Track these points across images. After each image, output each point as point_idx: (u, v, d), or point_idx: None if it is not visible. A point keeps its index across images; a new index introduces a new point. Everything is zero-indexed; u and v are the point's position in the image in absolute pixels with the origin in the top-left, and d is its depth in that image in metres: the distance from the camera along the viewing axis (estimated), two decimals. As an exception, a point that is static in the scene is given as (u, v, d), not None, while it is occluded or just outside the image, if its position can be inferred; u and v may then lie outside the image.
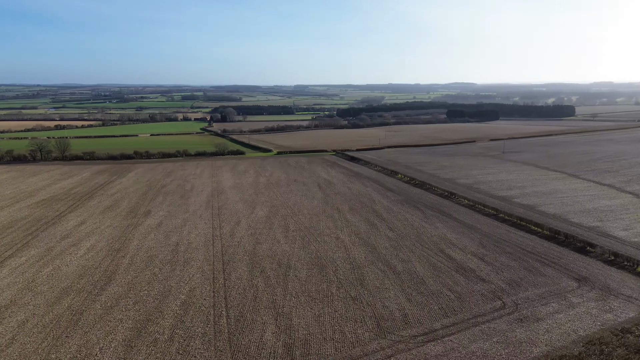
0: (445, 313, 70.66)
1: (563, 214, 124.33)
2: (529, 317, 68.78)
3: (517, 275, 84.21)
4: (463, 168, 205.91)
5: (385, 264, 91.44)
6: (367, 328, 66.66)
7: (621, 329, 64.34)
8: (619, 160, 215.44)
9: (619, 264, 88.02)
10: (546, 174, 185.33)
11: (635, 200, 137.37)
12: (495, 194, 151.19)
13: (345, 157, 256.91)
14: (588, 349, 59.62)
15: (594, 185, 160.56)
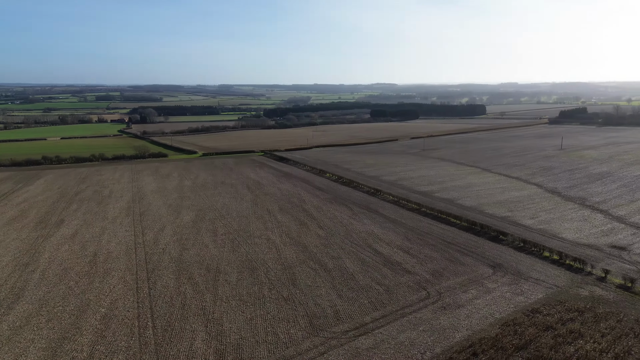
0: (375, 306, 72.74)
1: (479, 205, 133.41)
2: (451, 304, 72.88)
3: (439, 266, 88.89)
4: (387, 165, 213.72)
5: (317, 262, 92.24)
6: (300, 327, 66.77)
7: (531, 309, 70.32)
8: (524, 154, 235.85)
9: (528, 249, 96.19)
10: (463, 169, 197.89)
11: (539, 191, 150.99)
12: (418, 189, 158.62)
13: (274, 158, 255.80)
14: (504, 330, 64.43)
15: (504, 178, 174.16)
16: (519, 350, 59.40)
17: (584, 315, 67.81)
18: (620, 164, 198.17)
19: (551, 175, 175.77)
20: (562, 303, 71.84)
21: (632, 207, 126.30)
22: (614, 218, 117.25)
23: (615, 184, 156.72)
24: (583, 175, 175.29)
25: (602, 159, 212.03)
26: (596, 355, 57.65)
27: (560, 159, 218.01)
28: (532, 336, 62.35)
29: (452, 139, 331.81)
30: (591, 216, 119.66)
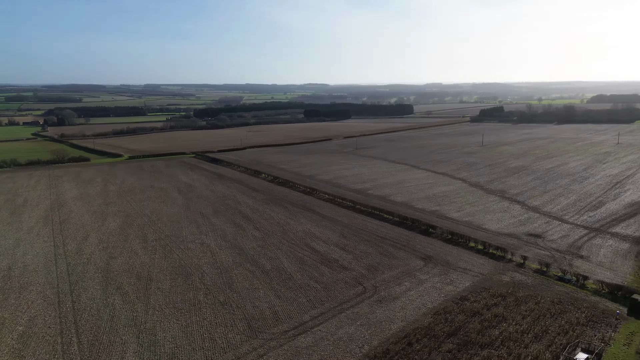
0: (314, 304, 73.20)
1: (409, 201, 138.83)
2: (387, 297, 75.18)
3: (374, 261, 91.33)
4: (322, 165, 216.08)
5: (254, 264, 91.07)
6: (238, 331, 65.56)
7: (460, 297, 74.35)
8: (450, 151, 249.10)
9: (455, 241, 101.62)
10: (394, 166, 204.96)
11: (464, 185, 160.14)
12: (352, 187, 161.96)
13: (206, 159, 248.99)
14: (435, 318, 67.56)
15: (432, 174, 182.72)
16: (449, 336, 62.54)
17: (507, 299, 72.86)
18: (534, 158, 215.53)
19: (474, 170, 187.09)
20: (487, 290, 76.67)
21: (545, 198, 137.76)
22: (529, 208, 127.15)
23: (530, 177, 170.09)
24: (502, 169, 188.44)
25: (518, 154, 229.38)
26: (518, 336, 62.16)
27: (481, 154, 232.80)
28: (461, 323, 65.93)
29: (383, 138, 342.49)
30: (510, 207, 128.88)
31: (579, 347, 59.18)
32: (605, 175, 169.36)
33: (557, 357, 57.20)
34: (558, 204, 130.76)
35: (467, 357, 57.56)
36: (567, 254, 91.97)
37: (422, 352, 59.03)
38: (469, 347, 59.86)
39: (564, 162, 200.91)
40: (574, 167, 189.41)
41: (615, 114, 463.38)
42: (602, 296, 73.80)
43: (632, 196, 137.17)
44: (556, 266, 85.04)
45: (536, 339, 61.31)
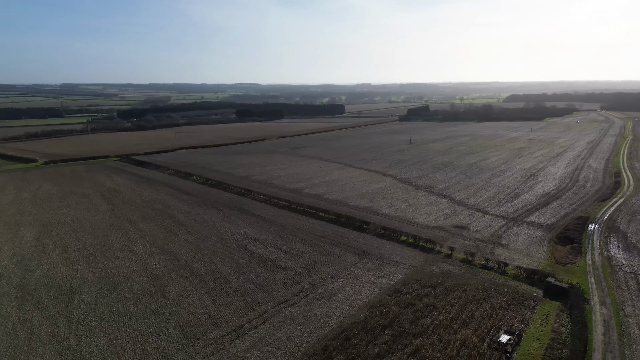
0: (251, 307, 72.24)
1: (344, 199, 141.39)
2: (324, 294, 76.00)
3: (311, 259, 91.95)
4: (257, 165, 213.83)
5: (187, 269, 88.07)
6: (172, 339, 63.07)
7: (394, 290, 76.96)
8: (381, 149, 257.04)
9: (388, 236, 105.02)
10: (328, 165, 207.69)
11: (395, 182, 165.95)
12: (288, 187, 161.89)
13: (132, 162, 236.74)
14: (371, 312, 69.39)
15: (364, 172, 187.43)
16: (385, 328, 64.52)
17: (437, 289, 76.53)
18: (458, 154, 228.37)
19: (404, 167, 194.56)
20: (418, 281, 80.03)
21: (469, 192, 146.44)
22: (455, 202, 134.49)
23: (454, 172, 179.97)
24: (429, 166, 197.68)
25: (444, 151, 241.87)
26: (448, 323, 65.52)
27: (410, 152, 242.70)
28: (396, 314, 68.28)
29: (317, 137, 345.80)
30: (437, 201, 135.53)
31: (502, 329, 63.54)
32: (521, 169, 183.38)
33: (483, 340, 61.00)
34: (480, 196, 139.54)
35: (401, 347, 59.69)
36: (490, 243, 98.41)
37: (359, 345, 60.35)
38: (403, 337, 62.13)
39: (484, 158, 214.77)
40: (493, 162, 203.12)
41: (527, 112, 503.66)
42: (520, 281, 79.79)
43: (544, 187, 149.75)
44: (480, 255, 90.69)
45: (464, 325, 64.97)
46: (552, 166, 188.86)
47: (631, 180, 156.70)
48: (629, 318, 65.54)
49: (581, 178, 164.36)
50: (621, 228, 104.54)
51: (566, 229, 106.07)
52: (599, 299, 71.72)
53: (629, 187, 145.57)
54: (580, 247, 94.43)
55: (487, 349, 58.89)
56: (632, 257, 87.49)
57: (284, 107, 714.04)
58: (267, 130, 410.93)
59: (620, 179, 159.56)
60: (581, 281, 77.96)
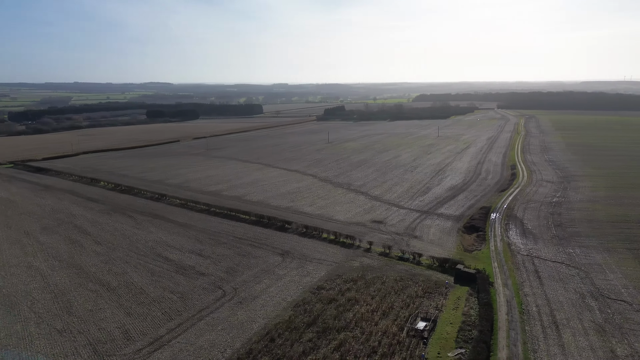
0: (170, 316, 68.91)
1: (265, 199, 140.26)
2: (247, 297, 74.73)
3: (233, 263, 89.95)
4: (171, 168, 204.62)
5: (97, 282, 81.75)
6: (82, 359, 58.13)
7: (317, 287, 77.83)
8: (300, 149, 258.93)
9: (310, 234, 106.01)
10: (248, 166, 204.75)
11: (315, 180, 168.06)
12: (206, 189, 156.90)
13: (29, 169, 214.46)
14: (296, 310, 69.55)
15: (285, 172, 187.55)
16: (309, 326, 65.00)
17: (358, 283, 78.72)
18: (373, 152, 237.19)
19: (323, 166, 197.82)
20: (340, 276, 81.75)
21: (384, 187, 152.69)
22: (372, 198, 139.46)
23: (370, 169, 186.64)
24: (347, 164, 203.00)
25: (360, 149, 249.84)
26: (369, 315, 67.68)
27: (328, 151, 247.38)
28: (319, 311, 69.11)
29: (235, 138, 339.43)
30: (356, 198, 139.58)
31: (419, 316, 67.03)
32: (430, 164, 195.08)
33: (402, 329, 63.89)
34: (395, 192, 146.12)
35: (326, 343, 60.53)
36: (405, 236, 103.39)
37: (284, 345, 60.18)
38: (327, 333, 63.06)
39: (397, 155, 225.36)
40: (405, 158, 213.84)
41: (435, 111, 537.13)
42: (434, 269, 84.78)
43: (452, 181, 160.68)
44: (397, 247, 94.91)
45: (384, 316, 67.53)
46: (458, 161, 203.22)
47: (525, 172, 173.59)
48: (528, 297, 72.47)
49: (483, 171, 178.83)
50: (518, 215, 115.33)
51: (472, 218, 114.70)
52: (502, 282, 78.44)
53: (524, 178, 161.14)
54: (484, 235, 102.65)
55: (406, 337, 61.77)
56: (528, 242, 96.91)
57: (199, 107, 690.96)
58: (181, 132, 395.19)
59: (516, 171, 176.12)
60: (486, 266, 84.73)
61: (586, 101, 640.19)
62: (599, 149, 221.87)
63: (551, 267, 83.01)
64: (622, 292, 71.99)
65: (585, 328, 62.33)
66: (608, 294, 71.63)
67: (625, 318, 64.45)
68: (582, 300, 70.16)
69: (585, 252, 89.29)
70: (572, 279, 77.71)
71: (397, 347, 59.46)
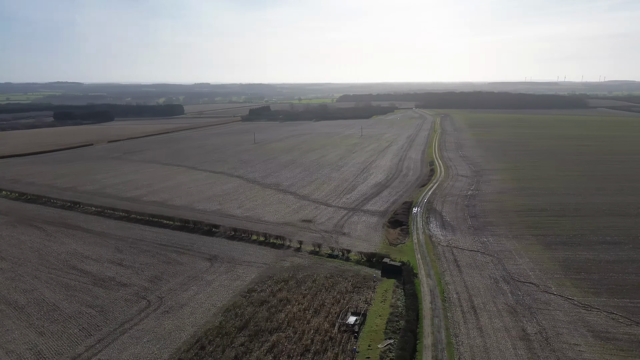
0: (89, 332, 64.24)
1: (190, 203, 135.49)
2: (174, 306, 71.75)
3: (157, 271, 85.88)
4: (85, 174, 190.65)
5: (2, 301, 73.96)
6: (-13, 389, 52.40)
7: (248, 290, 76.71)
8: (225, 150, 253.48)
9: (239, 237, 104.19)
10: (170, 169, 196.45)
11: (242, 182, 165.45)
12: (125, 195, 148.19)
13: None
14: (226, 315, 68.02)
15: (210, 174, 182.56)
16: (241, 330, 63.92)
17: (289, 283, 78.79)
18: (300, 152, 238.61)
19: (250, 167, 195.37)
20: (271, 278, 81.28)
21: (312, 187, 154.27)
22: (301, 197, 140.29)
23: (298, 169, 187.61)
24: (275, 164, 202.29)
25: (287, 149, 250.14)
26: (301, 314, 68.01)
27: (255, 152, 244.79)
28: (251, 314, 68.21)
29: (155, 140, 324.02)
30: (285, 198, 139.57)
31: (349, 311, 68.59)
32: (355, 163, 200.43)
33: (334, 324, 64.99)
34: (323, 190, 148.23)
35: (258, 346, 59.89)
36: (334, 233, 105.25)
37: (215, 352, 58.63)
38: (260, 335, 62.43)
39: (324, 154, 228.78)
40: (332, 157, 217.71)
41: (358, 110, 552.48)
42: (362, 264, 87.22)
43: (376, 178, 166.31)
44: (326, 245, 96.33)
45: (316, 313, 68.25)
46: (381, 159, 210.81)
47: (442, 167, 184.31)
48: (449, 285, 77.05)
49: (404, 168, 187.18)
50: (437, 209, 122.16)
51: (395, 213, 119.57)
52: (425, 272, 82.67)
53: (441, 174, 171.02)
54: (407, 229, 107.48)
55: (338, 332, 62.93)
56: (447, 233, 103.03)
57: (114, 109, 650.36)
58: (95, 134, 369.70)
59: (434, 167, 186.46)
60: (410, 258, 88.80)
61: (493, 100, 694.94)
62: (505, 145, 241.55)
63: (468, 256, 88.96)
64: (530, 275, 79.03)
65: (500, 310, 67.58)
66: (518, 278, 78.25)
67: (533, 299, 70.81)
68: (496, 285, 75.98)
69: (497, 240, 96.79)
70: (486, 266, 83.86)
71: (330, 344, 60.37)
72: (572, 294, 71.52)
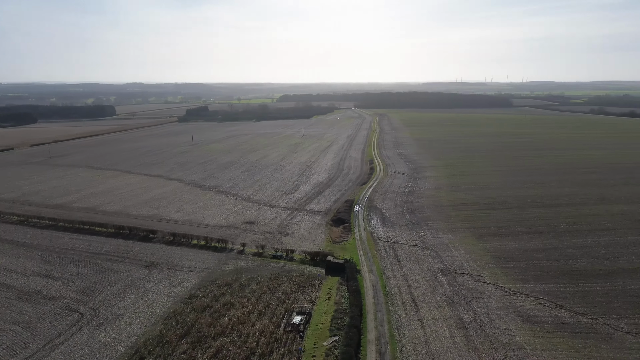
0: (14, 351, 59.32)
1: (124, 209, 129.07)
2: (110, 317, 68.05)
3: (90, 281, 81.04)
4: (4, 181, 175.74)
5: None
6: None
7: (189, 296, 74.38)
8: (162, 152, 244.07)
9: (178, 242, 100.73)
10: (101, 173, 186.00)
11: (181, 185, 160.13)
12: (51, 202, 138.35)
13: None
14: (167, 323, 65.51)
15: (145, 177, 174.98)
16: (183, 337, 61.86)
17: (232, 287, 77.36)
18: (241, 153, 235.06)
19: (188, 170, 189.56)
20: (213, 282, 79.38)
21: (255, 188, 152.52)
22: (243, 199, 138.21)
23: (239, 170, 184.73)
24: (214, 166, 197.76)
25: (227, 150, 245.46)
26: (246, 317, 67.01)
27: (193, 153, 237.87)
28: (193, 320, 66.19)
29: (84, 143, 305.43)
30: (226, 200, 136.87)
31: (294, 311, 68.56)
32: (298, 163, 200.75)
33: (279, 325, 64.66)
34: (265, 191, 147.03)
35: (202, 353, 58.26)
36: (277, 234, 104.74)
37: (157, 363, 56.27)
38: (203, 341, 60.77)
39: (266, 155, 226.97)
40: (273, 158, 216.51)
41: (298, 110, 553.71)
42: (306, 264, 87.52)
43: (318, 177, 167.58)
44: (270, 246, 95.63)
45: (261, 315, 67.56)
46: (322, 158, 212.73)
47: (381, 165, 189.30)
48: (390, 280, 79.27)
49: (345, 167, 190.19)
50: (378, 206, 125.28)
51: (338, 212, 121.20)
52: (367, 268, 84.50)
53: (380, 172, 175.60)
54: (350, 226, 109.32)
55: (283, 333, 62.69)
56: (388, 229, 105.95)
57: (36, 110, 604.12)
58: (15, 138, 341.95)
59: (374, 165, 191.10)
60: (353, 255, 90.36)
61: (427, 100, 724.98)
62: (439, 142, 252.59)
63: (408, 250, 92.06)
64: (465, 266, 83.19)
65: (438, 301, 70.54)
66: (454, 269, 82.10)
67: (468, 288, 74.59)
68: (434, 277, 79.24)
69: (434, 234, 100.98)
70: (425, 259, 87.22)
71: (275, 345, 60.00)
72: (503, 282, 76.17)
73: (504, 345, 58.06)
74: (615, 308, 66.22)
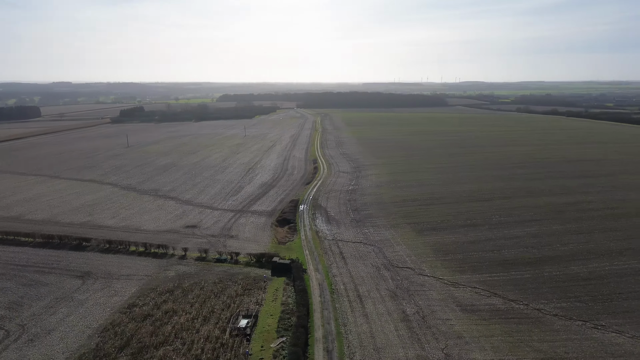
0: None
1: (53, 216, 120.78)
2: (40, 333, 63.38)
3: (16, 295, 75.02)
4: None
5: None
6: None
7: (128, 305, 70.93)
8: (94, 156, 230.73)
9: (115, 249, 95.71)
10: (26, 179, 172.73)
11: (115, 189, 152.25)
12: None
13: None
14: (104, 336, 62.06)
15: (76, 182, 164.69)
16: (122, 349, 58.90)
17: (174, 293, 74.73)
18: (180, 154, 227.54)
19: (124, 173, 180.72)
20: (154, 289, 76.25)
21: (196, 190, 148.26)
22: (183, 202, 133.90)
23: (179, 173, 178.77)
24: (152, 168, 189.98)
25: (165, 152, 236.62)
26: (189, 324, 65.00)
27: (129, 156, 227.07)
28: (133, 331, 63.21)
29: (5, 147, 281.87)
30: (165, 204, 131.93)
31: (240, 315, 67.45)
32: (241, 164, 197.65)
33: (225, 330, 63.33)
34: (207, 194, 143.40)
35: (144, 364, 55.76)
36: (221, 237, 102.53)
37: (94, 378, 53.11)
38: (144, 352, 58.21)
39: (206, 156, 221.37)
40: (215, 159, 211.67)
41: (240, 110, 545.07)
42: (252, 266, 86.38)
43: (262, 178, 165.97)
44: (213, 250, 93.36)
45: (205, 321, 65.81)
46: (266, 159, 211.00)
47: (325, 165, 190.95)
48: (336, 277, 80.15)
49: (289, 167, 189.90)
50: (322, 205, 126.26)
51: (283, 212, 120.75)
52: (314, 267, 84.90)
53: (324, 171, 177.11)
54: (295, 226, 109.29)
55: (230, 338, 61.47)
56: (333, 227, 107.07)
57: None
58: None
59: (317, 164, 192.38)
60: (299, 255, 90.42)
61: (367, 100, 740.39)
62: (379, 141, 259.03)
63: (352, 247, 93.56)
64: (407, 261, 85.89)
65: (382, 296, 72.29)
66: (397, 264, 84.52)
67: (410, 282, 77.09)
68: (378, 272, 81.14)
69: (377, 230, 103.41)
70: (369, 255, 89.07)
71: (221, 350, 58.69)
72: (442, 274, 79.49)
73: (445, 335, 60.61)
74: (543, 293, 71.25)
